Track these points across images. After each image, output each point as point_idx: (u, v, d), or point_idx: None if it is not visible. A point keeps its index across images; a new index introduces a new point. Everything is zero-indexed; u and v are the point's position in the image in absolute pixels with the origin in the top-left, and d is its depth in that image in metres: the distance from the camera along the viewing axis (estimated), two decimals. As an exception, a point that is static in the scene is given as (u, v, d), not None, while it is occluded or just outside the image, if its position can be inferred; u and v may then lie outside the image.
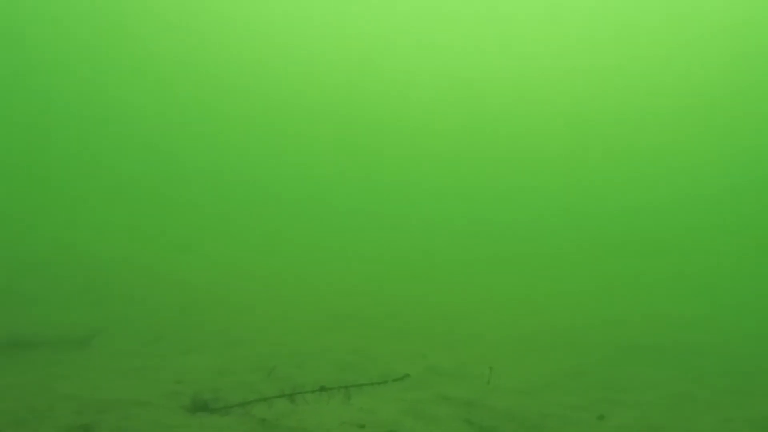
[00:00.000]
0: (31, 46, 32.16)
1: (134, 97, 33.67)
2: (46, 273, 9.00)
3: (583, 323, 9.23)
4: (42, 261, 9.11)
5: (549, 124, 38.55)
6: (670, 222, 24.58)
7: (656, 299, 12.62)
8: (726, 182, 28.07)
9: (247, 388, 4.86)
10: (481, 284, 13.25)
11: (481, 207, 29.04)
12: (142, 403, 4.09)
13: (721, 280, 15.00)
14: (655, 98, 37.81)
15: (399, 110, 40.54)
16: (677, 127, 35.73)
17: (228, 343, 6.72)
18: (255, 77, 39.34)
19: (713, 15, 37.64)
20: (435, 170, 34.97)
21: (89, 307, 7.58)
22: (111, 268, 9.70)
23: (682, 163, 32.31)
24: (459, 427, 4.52)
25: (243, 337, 7.11)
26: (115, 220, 16.15)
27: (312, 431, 3.96)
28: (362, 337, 8.01)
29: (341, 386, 4.09)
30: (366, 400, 4.60)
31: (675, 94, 37.74)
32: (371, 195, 30.05)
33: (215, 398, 4.43)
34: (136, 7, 37.03)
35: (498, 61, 41.64)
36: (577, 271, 16.49)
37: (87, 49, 34.49)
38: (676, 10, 39.17)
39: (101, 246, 11.42)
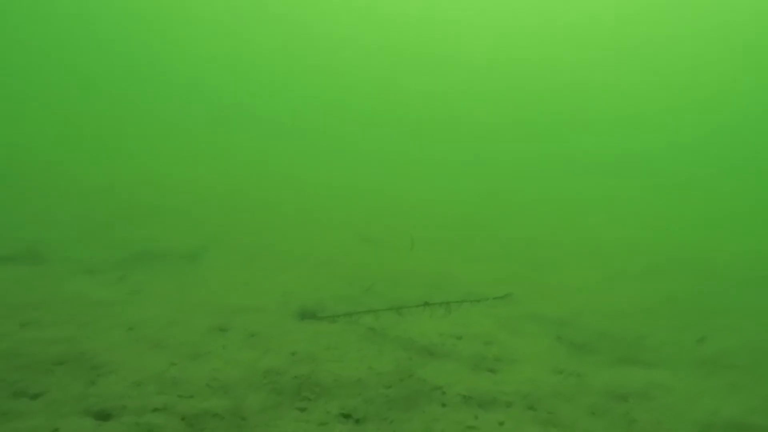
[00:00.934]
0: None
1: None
2: (155, 191, 9.68)
3: (675, 257, 8.94)
4: (151, 180, 9.82)
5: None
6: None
7: (748, 237, 11.99)
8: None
9: (350, 301, 5.17)
10: (567, 219, 12.99)
11: (567, 143, 28.10)
12: (261, 309, 4.46)
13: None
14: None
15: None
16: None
17: (318, 262, 7.07)
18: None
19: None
20: (523, 106, 34.02)
21: (194, 225, 8.14)
22: (206, 189, 10.31)
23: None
24: (549, 343, 4.63)
25: (331, 257, 7.45)
26: (211, 148, 16.84)
27: (416, 340, 4.20)
28: (446, 260, 8.17)
29: (443, 302, 4.26)
30: (463, 315, 4.76)
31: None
32: (458, 130, 29.80)
33: (321, 308, 4.74)
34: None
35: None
36: (666, 209, 15.83)
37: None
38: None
39: (197, 169, 12.02)
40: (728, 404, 3.65)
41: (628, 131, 31.36)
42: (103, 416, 2.78)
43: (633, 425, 3.33)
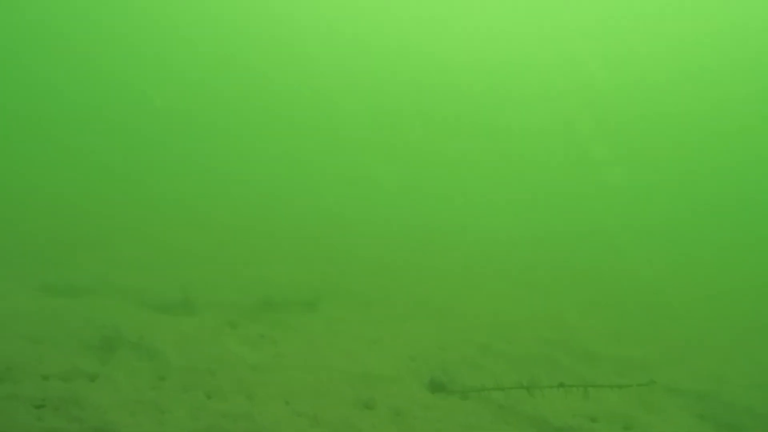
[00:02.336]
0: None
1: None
2: (263, 233, 10.31)
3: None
4: (261, 220, 10.49)
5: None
6: None
7: None
8: None
9: (473, 365, 5.32)
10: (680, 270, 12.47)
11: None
12: (396, 379, 4.71)
13: None
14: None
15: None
16: None
17: (433, 312, 7.27)
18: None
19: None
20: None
21: (304, 268, 8.61)
22: (319, 224, 10.81)
23: None
24: (692, 423, 4.57)
25: (445, 305, 7.63)
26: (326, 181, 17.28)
27: (550, 420, 4.28)
28: (559, 308, 8.14)
29: (581, 385, 4.31)
30: (596, 390, 4.78)
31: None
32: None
33: (451, 380, 4.91)
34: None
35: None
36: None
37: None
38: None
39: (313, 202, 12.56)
40: None
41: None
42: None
43: None
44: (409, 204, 16.71)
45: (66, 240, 8.75)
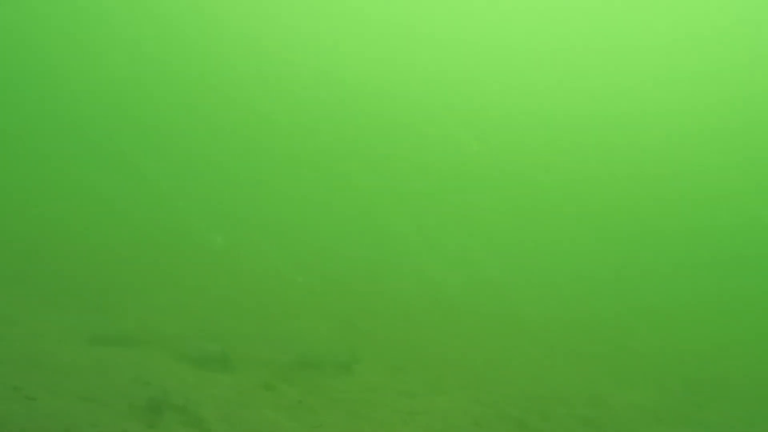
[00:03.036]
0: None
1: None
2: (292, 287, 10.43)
3: None
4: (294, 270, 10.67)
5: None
6: None
7: None
8: None
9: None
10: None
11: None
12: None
13: None
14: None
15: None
16: None
17: (472, 375, 7.22)
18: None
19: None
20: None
21: (343, 320, 8.66)
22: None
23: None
24: None
25: (478, 372, 7.57)
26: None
27: None
28: (593, 378, 7.96)
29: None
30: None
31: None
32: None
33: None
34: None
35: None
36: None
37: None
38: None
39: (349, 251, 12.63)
40: None
41: None
42: None
43: None
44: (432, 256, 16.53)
45: (107, 285, 9.00)
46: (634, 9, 37.85)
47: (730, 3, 35.53)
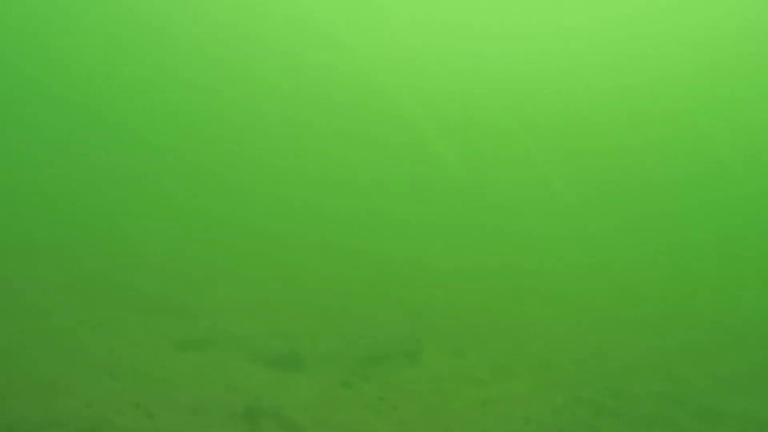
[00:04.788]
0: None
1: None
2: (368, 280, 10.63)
3: None
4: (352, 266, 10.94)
5: None
6: None
7: None
8: None
9: (589, 428, 5.45)
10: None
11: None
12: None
13: None
14: None
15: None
16: None
17: (532, 364, 7.38)
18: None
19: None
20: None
21: (404, 315, 8.87)
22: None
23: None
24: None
25: (543, 354, 7.71)
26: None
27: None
28: (662, 351, 7.99)
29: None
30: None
31: None
32: None
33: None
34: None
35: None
36: None
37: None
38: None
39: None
40: None
41: None
42: None
43: None
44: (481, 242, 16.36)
45: (174, 287, 9.37)
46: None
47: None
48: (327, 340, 7.61)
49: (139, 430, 4.22)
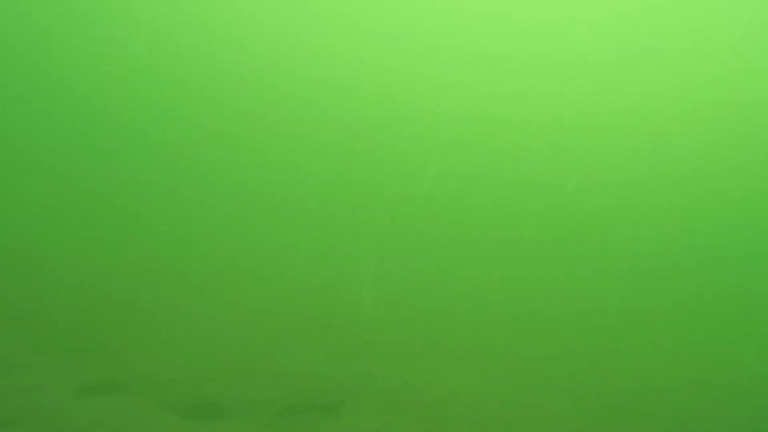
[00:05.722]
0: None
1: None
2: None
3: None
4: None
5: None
6: None
7: None
8: None
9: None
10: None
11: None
12: None
13: None
14: None
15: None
16: None
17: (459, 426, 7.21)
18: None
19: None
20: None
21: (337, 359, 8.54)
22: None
23: None
24: None
25: (474, 416, 7.57)
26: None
27: None
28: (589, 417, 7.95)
29: None
30: None
31: None
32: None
33: None
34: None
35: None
36: None
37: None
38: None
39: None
40: None
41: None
42: None
43: None
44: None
45: (86, 323, 8.77)
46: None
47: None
48: (249, 387, 7.29)
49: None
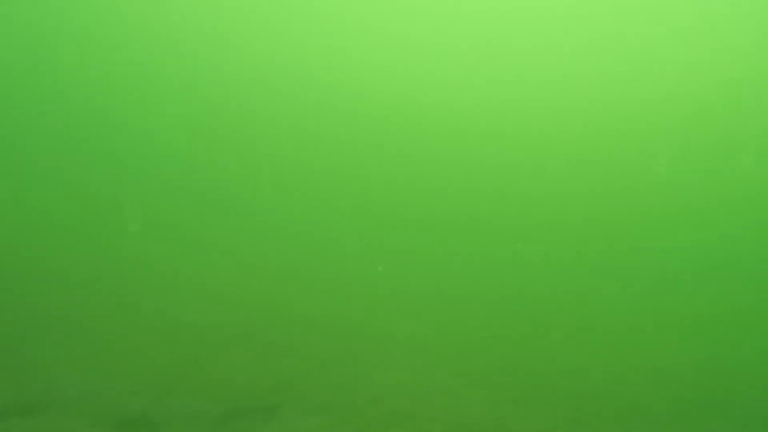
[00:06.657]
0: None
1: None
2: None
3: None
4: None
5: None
6: None
7: None
8: None
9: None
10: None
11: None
12: None
13: None
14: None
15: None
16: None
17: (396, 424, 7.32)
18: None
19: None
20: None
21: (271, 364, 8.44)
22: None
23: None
24: None
25: (412, 415, 7.67)
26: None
27: None
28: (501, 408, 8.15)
29: None
30: None
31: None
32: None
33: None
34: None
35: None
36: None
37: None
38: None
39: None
40: None
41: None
42: None
43: None
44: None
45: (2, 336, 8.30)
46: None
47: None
48: (182, 396, 7.15)
49: None
